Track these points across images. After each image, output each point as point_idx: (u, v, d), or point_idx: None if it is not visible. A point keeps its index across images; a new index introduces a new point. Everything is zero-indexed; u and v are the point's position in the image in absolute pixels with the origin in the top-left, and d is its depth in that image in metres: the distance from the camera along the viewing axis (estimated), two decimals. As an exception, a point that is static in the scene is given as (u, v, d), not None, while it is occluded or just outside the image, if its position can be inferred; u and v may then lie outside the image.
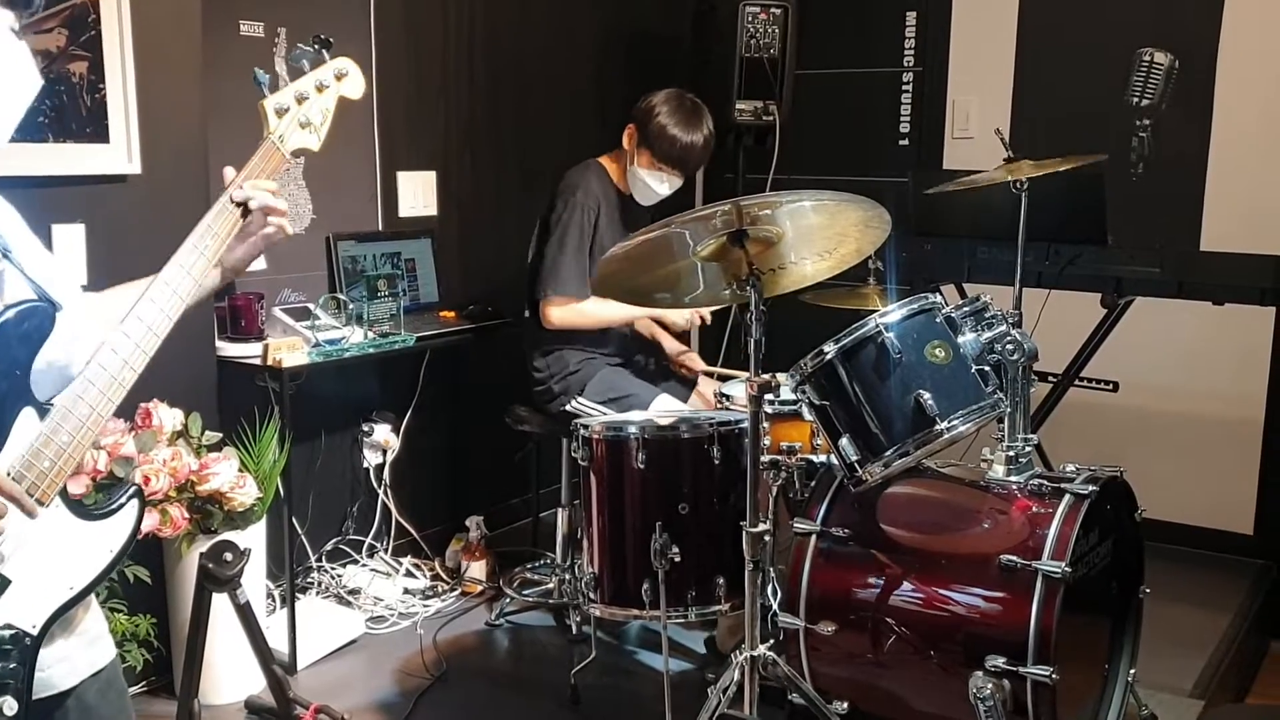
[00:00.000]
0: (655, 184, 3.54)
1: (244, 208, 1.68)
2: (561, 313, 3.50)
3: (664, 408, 3.46)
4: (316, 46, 1.82)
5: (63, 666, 1.57)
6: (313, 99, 1.79)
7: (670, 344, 3.89)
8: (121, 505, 1.61)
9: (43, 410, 1.53)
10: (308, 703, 2.99)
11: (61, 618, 1.54)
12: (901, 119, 4.86)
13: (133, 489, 1.64)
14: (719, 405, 3.26)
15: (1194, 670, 3.31)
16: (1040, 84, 4.54)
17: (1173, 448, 4.33)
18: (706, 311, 3.69)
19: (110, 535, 1.59)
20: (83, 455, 1.54)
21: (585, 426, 2.93)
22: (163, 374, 2.92)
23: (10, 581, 1.47)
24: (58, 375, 1.60)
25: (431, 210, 4.17)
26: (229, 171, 1.73)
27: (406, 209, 4.08)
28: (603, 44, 4.78)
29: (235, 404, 3.30)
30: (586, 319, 3.53)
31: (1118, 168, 4.31)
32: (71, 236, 2.89)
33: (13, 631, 1.47)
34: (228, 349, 3.30)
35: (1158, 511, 3.00)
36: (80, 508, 1.57)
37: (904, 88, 4.85)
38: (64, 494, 1.54)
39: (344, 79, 1.84)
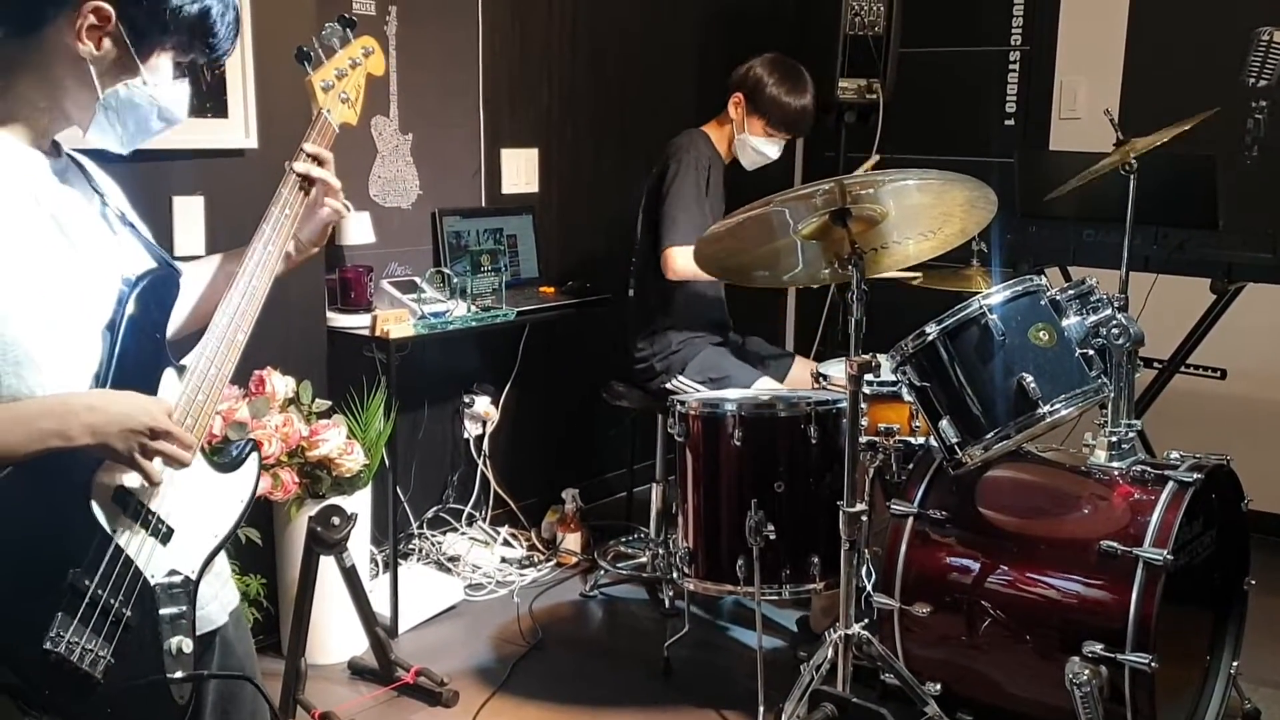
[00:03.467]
0: (768, 149, 3.61)
1: (306, 180, 1.75)
2: (685, 259, 3.35)
3: (762, 388, 3.47)
4: (343, 26, 1.89)
5: (215, 604, 1.67)
6: (349, 75, 1.87)
7: None
8: (244, 459, 1.71)
9: (179, 370, 1.61)
10: (408, 665, 3.08)
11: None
12: (1008, 99, 4.79)
13: (249, 443, 1.74)
14: (816, 386, 3.26)
15: (1299, 665, 3.24)
16: (1152, 64, 4.43)
17: (1281, 438, 4.22)
18: None
19: (239, 486, 1.69)
20: (214, 412, 1.61)
21: (682, 403, 2.95)
22: (276, 343, 3.06)
23: (174, 530, 1.57)
24: (174, 338, 1.69)
25: (533, 187, 4.23)
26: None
27: (509, 185, 4.14)
28: (705, 20, 4.78)
29: (344, 373, 3.40)
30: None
31: (1231, 150, 4.20)
32: (192, 208, 2.99)
33: (181, 577, 1.57)
34: (338, 320, 3.39)
35: (1265, 503, 2.94)
36: (214, 462, 1.67)
37: (1010, 67, 4.78)
38: (201, 449, 1.63)
39: (370, 56, 1.92)
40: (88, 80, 1.51)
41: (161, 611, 1.54)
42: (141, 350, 1.56)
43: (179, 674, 1.54)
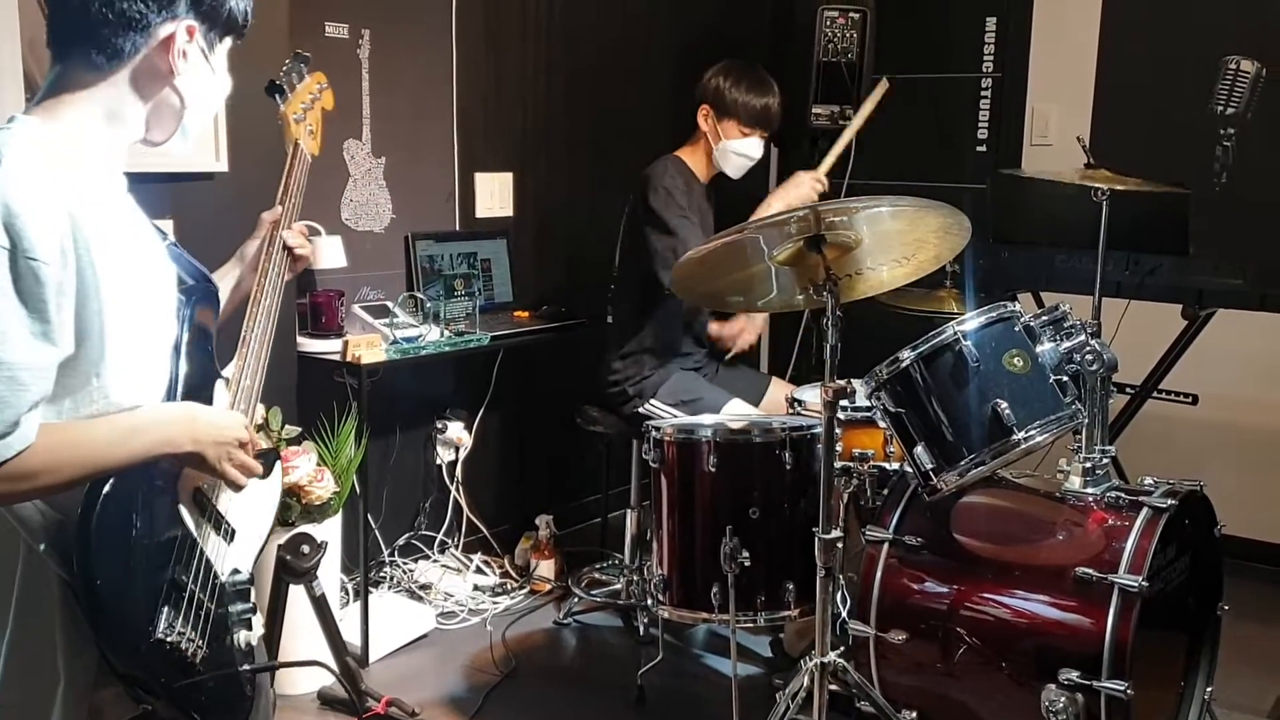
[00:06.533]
0: (749, 149, 3.64)
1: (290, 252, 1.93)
2: None
3: (735, 412, 3.46)
4: (299, 62, 2.03)
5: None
6: (311, 109, 2.02)
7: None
8: (273, 465, 1.80)
9: (226, 381, 1.72)
10: (379, 695, 3.04)
11: None
12: (980, 125, 4.82)
13: (274, 453, 1.83)
14: (791, 410, 3.25)
15: (1273, 691, 3.25)
16: (1122, 91, 4.47)
17: (1253, 463, 4.24)
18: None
19: (271, 492, 1.82)
20: (253, 421, 1.73)
21: (657, 428, 2.94)
22: (245, 368, 3.02)
23: (236, 531, 1.70)
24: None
25: (507, 211, 4.22)
26: (266, 217, 1.96)
27: (483, 209, 4.13)
28: (679, 47, 4.78)
29: (314, 399, 3.36)
30: None
31: (1200, 177, 4.24)
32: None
33: (244, 575, 1.71)
34: (308, 345, 3.37)
35: (1237, 528, 2.95)
36: None
37: (983, 93, 4.81)
38: None
39: (325, 92, 2.05)
40: (177, 93, 1.61)
41: (230, 608, 1.68)
42: (199, 364, 1.67)
43: (247, 666, 1.69)
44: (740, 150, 3.63)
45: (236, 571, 1.70)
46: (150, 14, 1.53)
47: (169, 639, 1.51)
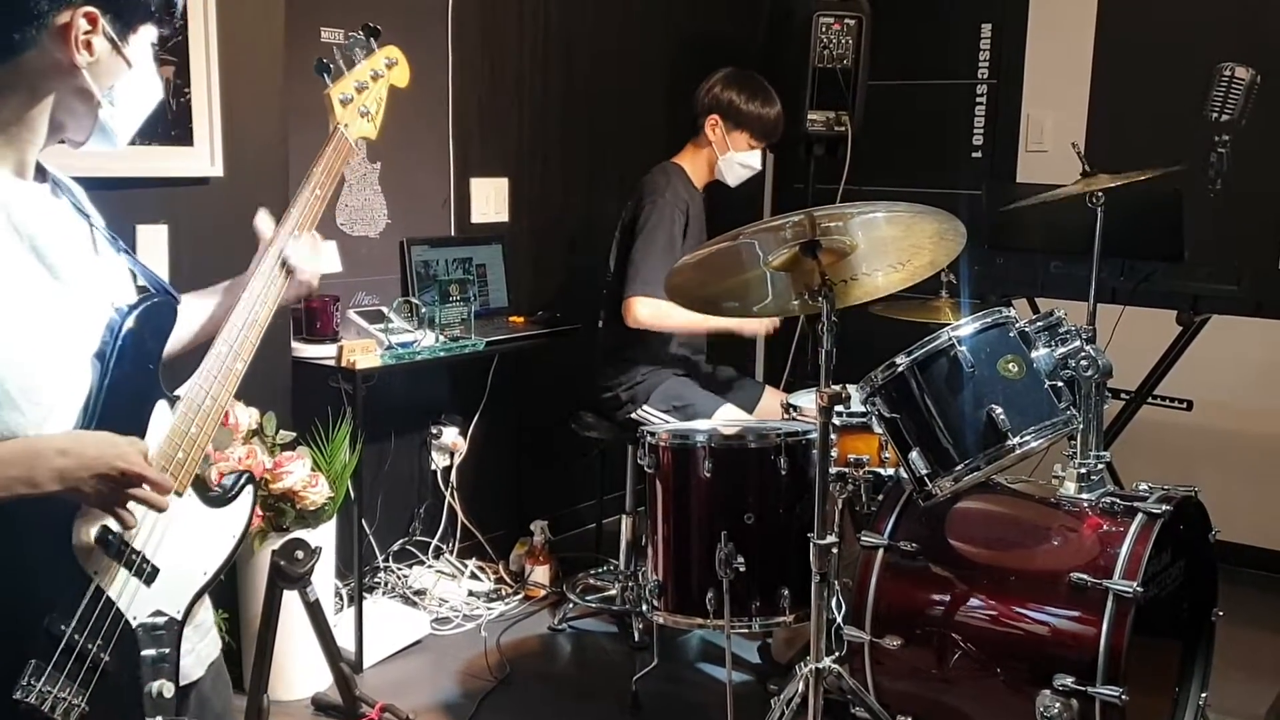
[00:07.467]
0: (753, 161, 3.68)
1: (287, 267, 1.72)
2: (649, 310, 3.45)
3: (727, 417, 3.46)
4: (366, 36, 1.86)
5: (190, 658, 1.62)
6: (370, 88, 1.85)
7: None
8: (239, 493, 1.66)
9: (171, 401, 1.57)
10: (373, 701, 3.02)
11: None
12: (975, 131, 4.83)
13: (246, 476, 1.69)
14: (786, 416, 3.25)
15: (1268, 696, 3.25)
16: (1117, 98, 4.48)
17: (1247, 469, 4.24)
18: (776, 320, 3.65)
19: (232, 521, 1.64)
20: (208, 444, 1.58)
21: (652, 434, 2.93)
22: (239, 373, 3.02)
23: (159, 570, 1.52)
24: (170, 365, 1.65)
25: (503, 216, 4.21)
26: (263, 219, 1.77)
27: (479, 215, 4.12)
28: (676, 52, 4.79)
29: (309, 404, 3.36)
30: (672, 320, 3.49)
31: (1195, 184, 4.25)
32: (155, 237, 2.96)
33: (165, 618, 1.53)
34: (303, 350, 3.36)
35: (1231, 534, 2.94)
36: (207, 496, 1.62)
37: (978, 100, 4.82)
38: (194, 483, 1.58)
39: (394, 68, 1.89)
40: (84, 89, 1.48)
41: (143, 653, 1.50)
42: (133, 380, 1.52)
43: (159, 718, 1.50)
44: (745, 162, 3.66)
45: (159, 614, 1.52)
46: (40, 1, 1.39)
47: (27, 699, 1.36)
